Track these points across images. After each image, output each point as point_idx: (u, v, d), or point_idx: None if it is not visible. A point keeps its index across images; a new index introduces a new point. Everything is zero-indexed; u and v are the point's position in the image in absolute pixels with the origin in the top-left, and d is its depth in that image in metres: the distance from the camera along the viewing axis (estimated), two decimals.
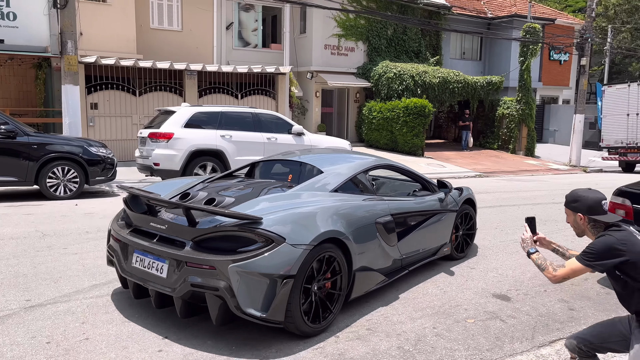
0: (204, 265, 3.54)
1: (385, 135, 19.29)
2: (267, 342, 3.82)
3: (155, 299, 3.97)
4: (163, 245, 3.81)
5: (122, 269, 4.12)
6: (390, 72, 19.61)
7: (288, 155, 5.48)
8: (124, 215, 4.47)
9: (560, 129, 27.16)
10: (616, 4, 33.40)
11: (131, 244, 4.01)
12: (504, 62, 25.68)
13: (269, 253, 3.53)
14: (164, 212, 4.12)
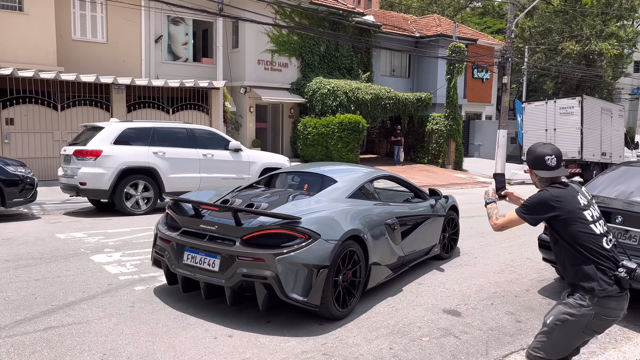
0: (254, 258, 4.25)
1: (321, 151, 19.33)
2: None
3: (205, 291, 4.64)
4: (214, 243, 4.50)
5: (173, 266, 4.72)
6: (324, 88, 19.74)
7: (304, 168, 6.45)
8: (168, 220, 5.13)
9: (484, 144, 28.51)
10: (531, 27, 35.84)
11: (183, 244, 4.65)
12: (431, 79, 26.67)
13: (309, 247, 4.29)
14: (208, 215, 4.77)
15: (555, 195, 2.90)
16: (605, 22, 34.21)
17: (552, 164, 3.00)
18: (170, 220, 5.09)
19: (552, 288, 6.03)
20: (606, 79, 34.22)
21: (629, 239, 5.06)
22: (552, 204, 2.89)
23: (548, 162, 3.00)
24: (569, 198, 2.90)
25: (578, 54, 33.61)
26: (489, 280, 6.19)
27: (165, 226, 5.08)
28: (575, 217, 2.84)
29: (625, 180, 5.99)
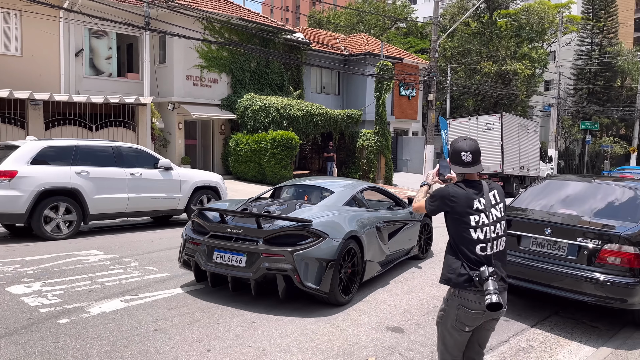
0: (275, 254, 5.20)
1: (254, 168, 19.08)
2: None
3: (232, 284, 5.60)
4: (240, 243, 5.43)
5: (203, 265, 5.58)
6: (256, 105, 19.57)
7: (304, 181, 7.41)
8: (195, 227, 6.02)
9: (412, 159, 29.42)
10: (452, 47, 37.68)
11: (212, 245, 5.56)
12: (360, 96, 27.24)
13: (319, 245, 5.28)
14: (231, 221, 5.71)
15: (452, 194, 3.04)
16: (519, 44, 36.64)
17: (467, 160, 3.05)
18: (198, 226, 6.00)
19: None
20: (521, 97, 36.55)
21: (558, 250, 5.30)
22: (447, 201, 3.05)
23: (463, 157, 3.05)
24: (462, 199, 3.02)
25: (495, 73, 35.69)
26: (428, 294, 6.26)
27: (193, 232, 5.98)
28: (462, 218, 3.01)
29: (549, 193, 6.30)
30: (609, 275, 4.93)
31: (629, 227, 5.12)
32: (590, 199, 5.95)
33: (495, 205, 3.09)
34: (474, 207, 3.02)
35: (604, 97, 44.37)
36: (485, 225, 3.02)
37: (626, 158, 43.47)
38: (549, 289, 5.34)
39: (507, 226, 3.19)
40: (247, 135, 19.34)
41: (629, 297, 4.87)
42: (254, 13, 22.32)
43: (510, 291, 6.41)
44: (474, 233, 3.00)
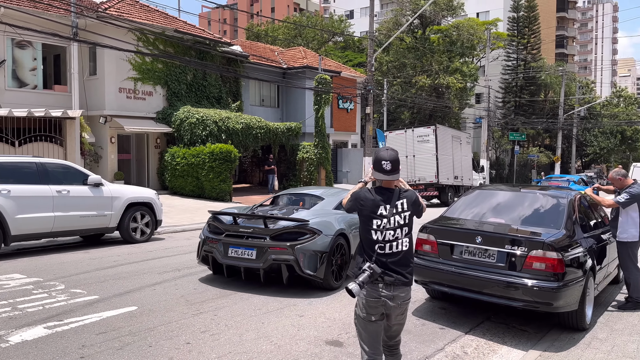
0: (280, 248, 6.46)
1: (191, 182, 18.64)
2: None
3: (245, 273, 6.89)
4: (251, 240, 6.68)
5: (220, 259, 6.81)
6: (193, 118, 19.18)
7: (298, 191, 8.73)
8: (211, 229, 7.24)
9: (351, 170, 29.80)
10: (388, 61, 38.73)
11: (228, 242, 6.79)
12: (299, 109, 27.36)
13: (315, 240, 6.53)
14: (242, 223, 6.96)
15: (362, 198, 3.44)
16: (451, 59, 38.19)
17: (386, 168, 3.39)
18: (214, 228, 7.20)
19: (425, 308, 6.30)
20: (454, 109, 38.05)
21: (488, 257, 5.48)
22: (357, 203, 3.46)
23: (384, 165, 3.39)
24: (369, 204, 3.40)
25: (429, 87, 36.98)
26: None
27: (210, 232, 7.20)
28: (367, 220, 3.40)
29: (479, 203, 6.53)
30: (535, 280, 5.14)
31: (552, 234, 5.38)
32: (518, 207, 6.22)
33: (401, 212, 3.40)
34: (378, 212, 3.37)
35: (529, 109, 47.04)
36: (385, 229, 3.36)
37: (551, 167, 46.18)
38: (481, 295, 5.50)
39: (409, 231, 3.45)
40: (184, 149, 18.90)
41: (554, 301, 5.10)
42: (189, 25, 21.97)
43: (445, 299, 6.60)
44: (374, 234, 3.36)
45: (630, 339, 5.28)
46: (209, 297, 6.46)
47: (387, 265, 3.32)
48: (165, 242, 10.78)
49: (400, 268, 3.35)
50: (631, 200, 6.38)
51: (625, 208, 6.45)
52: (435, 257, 5.83)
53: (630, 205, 6.43)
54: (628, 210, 6.45)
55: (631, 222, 6.45)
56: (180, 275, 7.66)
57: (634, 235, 6.44)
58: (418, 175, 20.58)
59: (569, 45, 79.88)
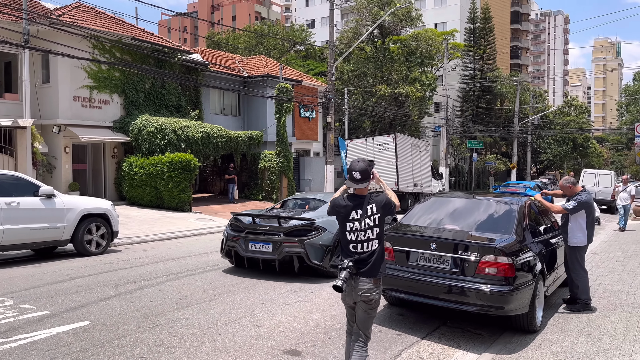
0: (292, 242, 7.89)
1: (150, 192, 18.26)
2: None
3: (262, 264, 8.32)
4: (268, 236, 8.11)
5: (242, 252, 8.25)
6: (151, 126, 18.84)
7: (306, 195, 10.63)
8: (233, 228, 8.64)
9: (314, 179, 29.84)
10: (349, 70, 39.14)
11: (248, 238, 8.24)
12: (261, 117, 27.27)
13: (320, 236, 7.92)
14: (260, 222, 8.35)
15: (337, 204, 3.98)
16: (410, 69, 38.93)
17: (356, 178, 3.88)
18: (235, 227, 8.63)
19: (383, 315, 6.36)
20: (413, 118, 38.74)
21: (443, 263, 5.59)
22: (334, 209, 4.01)
23: (354, 175, 3.89)
24: (343, 210, 3.94)
25: (389, 96, 37.54)
26: (325, 314, 6.31)
27: (232, 230, 8.64)
28: (342, 224, 3.96)
29: (435, 210, 6.67)
30: (487, 285, 5.28)
31: (503, 239, 5.54)
32: (472, 214, 6.38)
33: (370, 215, 3.89)
34: (351, 216, 3.91)
35: (486, 117, 48.39)
36: (357, 231, 3.89)
37: (507, 173, 47.58)
38: (436, 301, 5.60)
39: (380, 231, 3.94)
40: (142, 158, 18.51)
41: (505, 305, 5.24)
42: (148, 33, 21.62)
43: (403, 305, 6.69)
44: (349, 235, 3.92)
45: (579, 340, 5.48)
46: (165, 310, 6.34)
47: (356, 260, 3.87)
48: (122, 254, 10.52)
49: (368, 264, 3.89)
50: (579, 207, 6.65)
51: (574, 214, 6.71)
52: (392, 263, 5.91)
53: (578, 212, 6.70)
54: (576, 216, 6.72)
55: (579, 227, 6.72)
56: (137, 287, 7.49)
57: (582, 240, 6.71)
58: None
59: (522, 56, 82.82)
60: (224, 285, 7.70)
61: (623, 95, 71.16)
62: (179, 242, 12.43)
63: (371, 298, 3.86)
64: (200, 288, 7.47)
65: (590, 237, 6.77)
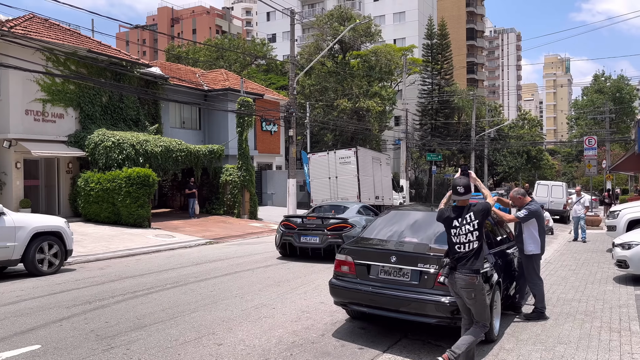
0: (333, 235, 11.38)
1: (107, 208, 17.75)
2: None
3: (312, 252, 11.59)
4: (315, 231, 11.57)
5: (296, 243, 11.61)
6: (108, 141, 18.39)
7: (332, 203, 14.92)
8: (285, 227, 11.98)
9: (276, 192, 29.79)
10: (310, 85, 39.43)
11: (300, 233, 11.65)
12: (222, 131, 27.07)
13: (352, 230, 11.36)
14: (307, 221, 11.90)
15: (442, 214, 5.18)
16: (370, 83, 39.56)
17: (460, 192, 5.00)
18: (286, 226, 11.97)
19: (345, 329, 6.36)
20: (374, 132, 39.30)
21: (403, 276, 5.65)
22: (440, 217, 5.21)
23: (458, 190, 5.00)
24: (447, 220, 5.09)
25: (350, 110, 37.99)
26: (287, 330, 6.26)
27: (285, 228, 11.91)
28: (448, 229, 5.11)
29: (395, 223, 6.75)
30: (446, 296, 5.35)
31: None
32: (431, 226, 6.46)
33: (470, 222, 4.95)
34: (453, 224, 5.01)
35: (445, 131, 49.55)
36: (459, 235, 4.97)
37: None
38: (398, 314, 5.65)
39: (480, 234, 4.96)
40: (98, 173, 18.02)
41: None
42: (104, 45, 21.20)
43: (365, 319, 6.70)
44: (453, 239, 5.01)
45: (534, 348, 5.62)
46: (121, 330, 6.14)
47: (457, 259, 4.93)
48: (76, 273, 10.15)
49: (475, 262, 4.91)
50: (530, 215, 6.86)
51: (526, 223, 6.92)
52: (353, 277, 5.93)
53: (530, 221, 6.91)
54: (529, 225, 6.93)
55: (532, 237, 6.93)
56: (91, 308, 7.23)
57: (536, 249, 6.92)
58: (341, 196, 20.92)
59: (478, 71, 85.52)
60: (183, 303, 7.54)
61: (573, 109, 74.33)
62: (137, 260, 12.12)
63: (468, 289, 4.85)
64: (158, 307, 7.29)
65: (543, 246, 7.00)
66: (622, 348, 5.54)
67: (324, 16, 44.24)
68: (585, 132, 54.27)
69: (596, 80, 66.56)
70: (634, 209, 12.59)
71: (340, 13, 42.49)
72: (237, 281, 9.19)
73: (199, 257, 12.45)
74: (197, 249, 14.38)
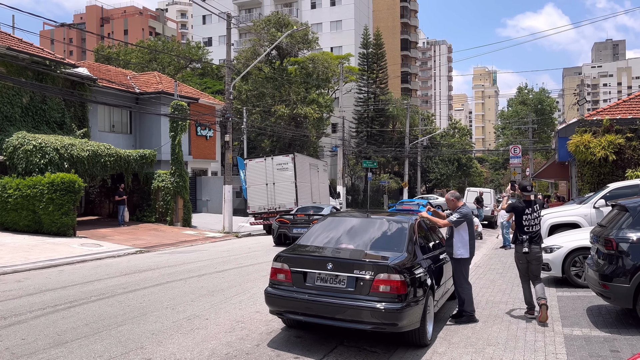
0: None
1: (27, 216, 16.60)
2: None
3: None
4: (304, 224, 15.83)
5: (290, 234, 15.97)
6: (29, 144, 17.26)
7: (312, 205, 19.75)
8: (280, 223, 16.65)
9: (212, 199, 29.14)
10: (247, 90, 39.01)
11: (293, 226, 16.23)
12: (154, 136, 26.18)
13: None
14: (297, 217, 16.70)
15: (517, 206, 7.24)
16: (308, 90, 39.72)
17: (528, 189, 7.26)
18: (282, 221, 16.51)
19: (281, 339, 6.24)
20: (312, 138, 39.45)
21: (339, 283, 5.62)
22: (515, 209, 7.26)
23: (527, 188, 7.27)
24: (521, 209, 7.16)
25: (288, 116, 37.94)
26: (221, 341, 6.06)
27: (280, 223, 16.41)
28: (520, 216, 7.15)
29: (332, 229, 6.73)
30: (381, 302, 5.38)
31: (396, 257, 5.70)
32: (367, 232, 6.50)
33: (534, 212, 7.14)
34: (525, 212, 7.11)
35: (380, 138, 50.59)
36: (529, 220, 7.09)
37: (400, 192, 49.96)
38: (334, 321, 5.60)
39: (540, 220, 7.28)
40: (17, 179, 16.84)
41: (398, 321, 5.37)
42: (26, 43, 19.94)
43: (301, 327, 6.61)
44: (524, 222, 7.12)
45: (465, 351, 5.75)
46: (40, 348, 5.70)
47: (530, 237, 7.08)
48: None
49: (540, 238, 7.20)
50: (462, 219, 7.04)
51: (457, 227, 7.09)
52: (289, 285, 5.83)
53: (461, 225, 7.09)
54: (459, 229, 7.10)
55: (462, 240, 7.10)
56: (6, 324, 6.68)
57: (465, 253, 7.10)
58: (278, 202, 20.77)
59: (412, 81, 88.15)
60: (109, 316, 7.12)
61: (499, 119, 78.24)
62: (60, 271, 11.38)
63: (538, 257, 7.11)
64: (81, 321, 6.85)
65: (472, 250, 7.20)
66: (547, 348, 5.79)
67: (261, 21, 44.03)
68: (511, 142, 57.24)
69: (520, 92, 70.53)
70: (555, 214, 13.31)
71: (278, 19, 42.46)
72: (169, 292, 8.83)
73: (128, 267, 11.89)
74: (127, 258, 13.74)
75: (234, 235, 20.78)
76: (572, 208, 13.36)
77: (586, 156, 18.98)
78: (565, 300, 8.05)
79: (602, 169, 18.99)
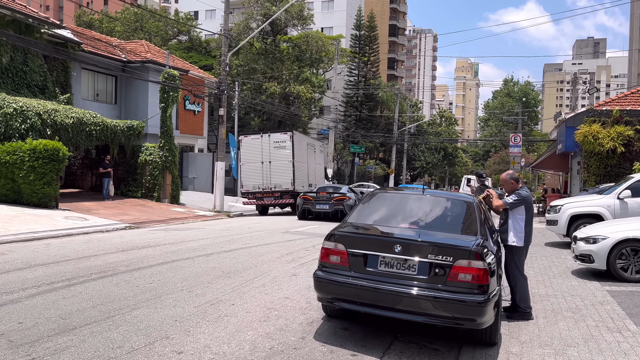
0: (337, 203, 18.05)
1: (5, 185, 15.26)
2: None
3: (323, 215, 17.99)
4: (326, 201, 18.17)
5: (312, 210, 18.12)
6: (9, 107, 15.83)
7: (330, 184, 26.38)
8: (303, 199, 18.52)
9: (199, 177, 27.93)
10: (238, 65, 37.56)
11: (316, 202, 18.22)
12: (141, 107, 24.78)
13: (350, 200, 18.34)
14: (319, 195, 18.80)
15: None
16: (301, 68, 38.48)
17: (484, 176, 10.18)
18: (306, 198, 18.41)
19: (326, 331, 5.36)
20: (303, 118, 38.34)
21: (408, 269, 4.77)
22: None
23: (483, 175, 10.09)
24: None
25: (280, 94, 36.71)
26: (259, 332, 5.15)
27: (304, 200, 18.35)
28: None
29: (384, 207, 5.87)
30: (461, 294, 4.54)
31: (473, 241, 4.86)
32: (429, 212, 5.65)
33: None
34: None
35: (368, 123, 49.80)
36: None
37: (385, 178, 49.39)
38: (399, 313, 4.74)
39: None
40: None
41: (479, 317, 4.54)
42: None
43: (344, 317, 5.74)
44: None
45: (544, 352, 4.98)
46: (42, 334, 4.72)
47: None
48: None
49: None
50: (520, 201, 6.25)
51: (512, 211, 6.30)
52: (345, 269, 4.94)
53: (518, 209, 6.31)
54: (515, 213, 6.31)
55: (517, 226, 6.32)
56: None
57: (519, 241, 6.32)
58: (274, 182, 19.80)
59: (398, 68, 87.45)
60: (119, 297, 6.14)
61: (484, 111, 78.33)
62: (46, 244, 10.27)
63: None
64: (87, 302, 5.85)
65: (529, 238, 6.42)
66: (636, 350, 5.06)
67: None
68: (494, 133, 57.21)
69: (506, 85, 70.56)
70: (576, 204, 12.72)
71: None
72: (178, 271, 7.84)
73: (122, 242, 10.84)
74: (118, 233, 12.65)
75: (225, 214, 19.73)
76: (593, 198, 12.76)
77: (594, 147, 18.54)
78: (621, 296, 7.37)
79: (609, 160, 18.58)
